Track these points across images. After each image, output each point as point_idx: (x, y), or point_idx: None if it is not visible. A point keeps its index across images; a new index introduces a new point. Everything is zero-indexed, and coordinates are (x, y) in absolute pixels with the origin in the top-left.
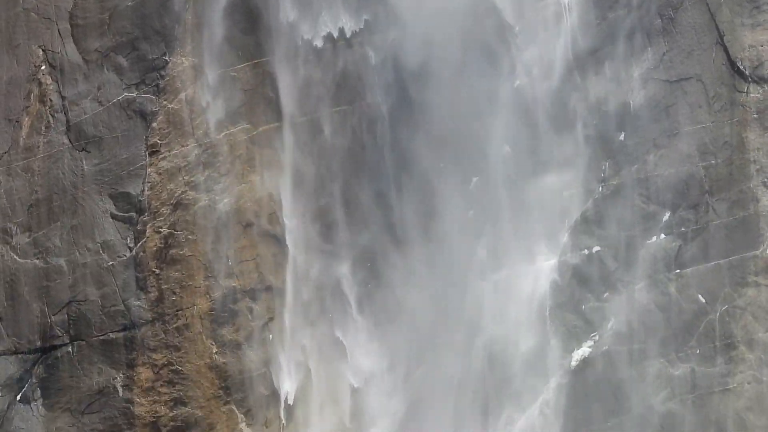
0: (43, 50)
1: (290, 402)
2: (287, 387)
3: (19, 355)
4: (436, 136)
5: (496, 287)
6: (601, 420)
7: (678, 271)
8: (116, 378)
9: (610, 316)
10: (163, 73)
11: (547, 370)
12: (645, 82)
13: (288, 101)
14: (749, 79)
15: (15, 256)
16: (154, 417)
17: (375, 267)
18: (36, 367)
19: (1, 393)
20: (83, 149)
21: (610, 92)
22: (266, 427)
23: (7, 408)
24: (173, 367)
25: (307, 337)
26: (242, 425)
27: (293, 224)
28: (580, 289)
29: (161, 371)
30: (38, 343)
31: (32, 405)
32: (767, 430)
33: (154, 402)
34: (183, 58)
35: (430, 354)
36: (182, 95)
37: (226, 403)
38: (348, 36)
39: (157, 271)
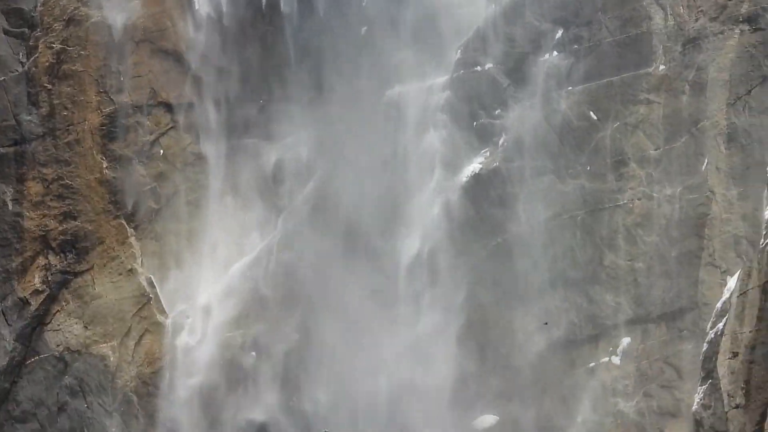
0: None
1: None
2: None
3: None
4: None
5: (389, 104)
6: (491, 236)
7: (570, 88)
8: (6, 192)
9: (502, 133)
10: None
11: (437, 186)
12: None
13: None
14: None
15: None
16: (43, 231)
17: (269, 84)
18: None
19: None
20: None
21: None
22: (156, 241)
23: None
24: (63, 182)
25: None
26: (131, 239)
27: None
28: (471, 106)
29: (51, 185)
30: None
31: None
32: (656, 246)
33: (44, 216)
34: None
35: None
36: None
37: (116, 217)
38: None
39: (49, 87)
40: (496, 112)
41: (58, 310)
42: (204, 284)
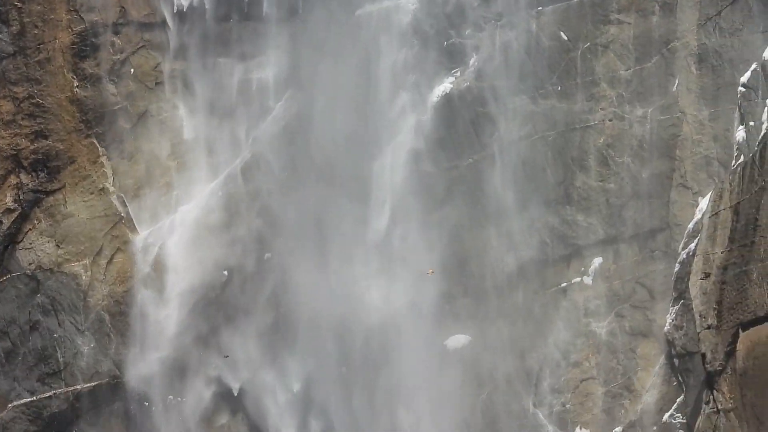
0: None
1: None
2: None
3: None
4: None
5: (358, 22)
6: (462, 156)
7: (540, 8)
8: None
9: (472, 53)
10: None
11: (408, 106)
12: None
13: None
14: None
15: None
16: (14, 150)
17: (241, 2)
18: None
19: None
20: None
21: None
22: (127, 160)
23: None
24: (34, 101)
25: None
26: (103, 158)
27: None
28: (441, 26)
29: (22, 104)
30: None
31: None
32: (627, 167)
33: (15, 135)
34: None
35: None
36: None
37: (87, 136)
38: None
39: (19, 5)
40: (467, 32)
41: (30, 229)
42: (175, 204)
